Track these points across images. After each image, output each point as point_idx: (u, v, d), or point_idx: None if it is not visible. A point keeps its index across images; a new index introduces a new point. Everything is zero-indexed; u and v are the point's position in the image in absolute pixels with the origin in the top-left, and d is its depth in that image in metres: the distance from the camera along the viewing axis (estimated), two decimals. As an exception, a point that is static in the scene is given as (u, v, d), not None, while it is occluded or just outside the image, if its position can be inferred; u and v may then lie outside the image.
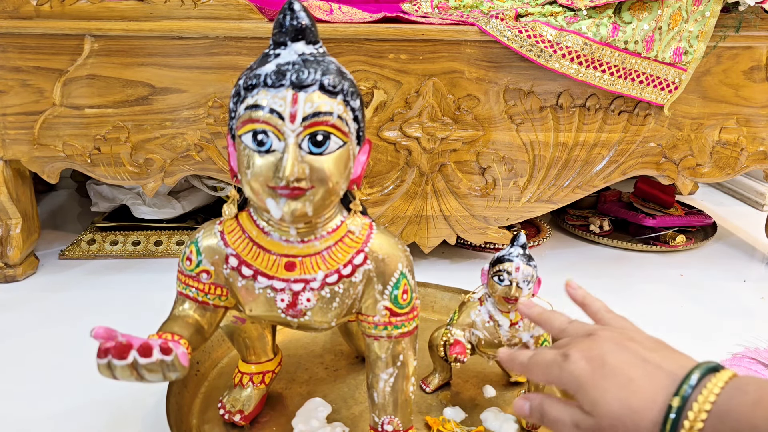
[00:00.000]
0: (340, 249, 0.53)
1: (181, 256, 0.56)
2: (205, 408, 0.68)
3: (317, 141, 0.47)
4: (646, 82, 0.94)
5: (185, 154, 0.97)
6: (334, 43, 0.90)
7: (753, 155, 1.06)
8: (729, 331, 0.88)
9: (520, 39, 0.90)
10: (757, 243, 1.27)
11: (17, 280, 1.01)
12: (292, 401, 0.70)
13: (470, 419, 0.68)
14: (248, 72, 0.48)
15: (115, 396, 0.71)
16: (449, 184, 1.01)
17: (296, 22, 0.47)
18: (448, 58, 0.93)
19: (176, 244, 1.14)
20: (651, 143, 1.02)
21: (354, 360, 0.78)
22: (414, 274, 0.57)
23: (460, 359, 0.65)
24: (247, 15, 0.89)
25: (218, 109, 0.94)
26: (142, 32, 0.89)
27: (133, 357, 0.42)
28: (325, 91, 0.47)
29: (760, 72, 1.00)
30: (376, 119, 0.96)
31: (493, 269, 0.64)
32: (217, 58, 0.91)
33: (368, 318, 0.56)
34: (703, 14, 0.92)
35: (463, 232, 1.05)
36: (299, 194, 0.47)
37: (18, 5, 0.86)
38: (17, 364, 0.79)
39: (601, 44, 0.90)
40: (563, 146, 1.00)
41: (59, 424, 0.68)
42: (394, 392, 0.58)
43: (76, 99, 0.92)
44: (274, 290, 0.53)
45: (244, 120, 0.47)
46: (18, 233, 0.99)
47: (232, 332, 0.65)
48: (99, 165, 0.96)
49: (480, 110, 0.97)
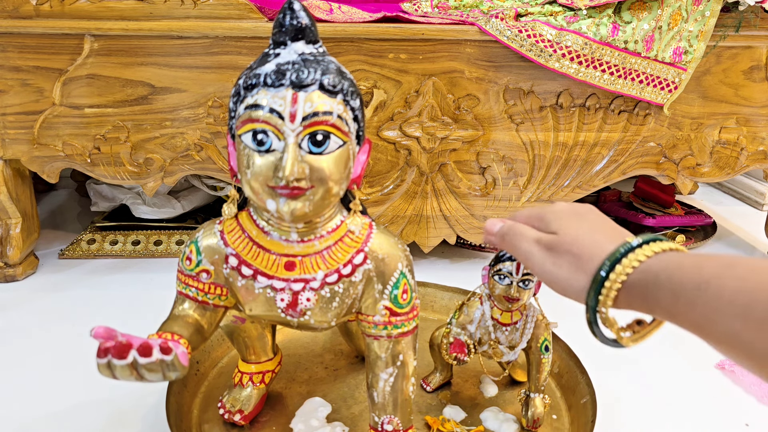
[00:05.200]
0: (340, 249, 0.53)
1: (181, 255, 0.56)
2: (205, 407, 0.68)
3: (317, 141, 0.47)
4: (646, 82, 0.94)
5: (185, 154, 0.97)
6: (334, 42, 0.90)
7: (753, 155, 1.06)
8: (729, 331, 0.88)
9: (520, 38, 0.90)
10: (757, 243, 1.27)
11: (17, 279, 1.01)
12: (292, 401, 0.70)
13: (470, 419, 0.68)
14: (248, 71, 0.48)
15: (115, 396, 0.71)
16: (449, 184, 1.01)
17: (296, 22, 0.47)
18: (448, 58, 0.93)
19: (176, 243, 1.14)
20: (651, 143, 1.02)
21: (354, 360, 0.78)
22: (414, 274, 0.57)
23: (461, 358, 0.65)
24: (247, 14, 0.89)
25: (218, 108, 0.94)
26: (142, 32, 0.89)
27: (132, 357, 0.42)
28: (325, 90, 0.47)
29: (759, 72, 1.00)
30: (376, 119, 0.96)
31: (494, 268, 0.64)
32: (216, 57, 0.91)
33: (368, 317, 0.56)
34: (703, 14, 0.92)
35: (463, 232, 1.05)
36: (299, 194, 0.47)
37: (18, 5, 0.86)
38: (17, 364, 0.79)
39: (601, 44, 0.90)
40: (563, 146, 1.00)
41: (59, 424, 0.68)
42: (393, 392, 0.58)
43: (75, 98, 0.92)
44: (274, 290, 0.53)
45: (243, 119, 0.47)
46: (18, 233, 0.99)
47: (232, 332, 0.65)
48: (99, 164, 0.96)
49: (480, 110, 0.97)
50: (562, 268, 0.44)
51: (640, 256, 0.40)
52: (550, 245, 0.45)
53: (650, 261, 0.40)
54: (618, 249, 0.41)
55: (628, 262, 0.40)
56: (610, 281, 0.40)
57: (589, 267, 0.42)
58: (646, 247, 0.40)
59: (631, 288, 0.40)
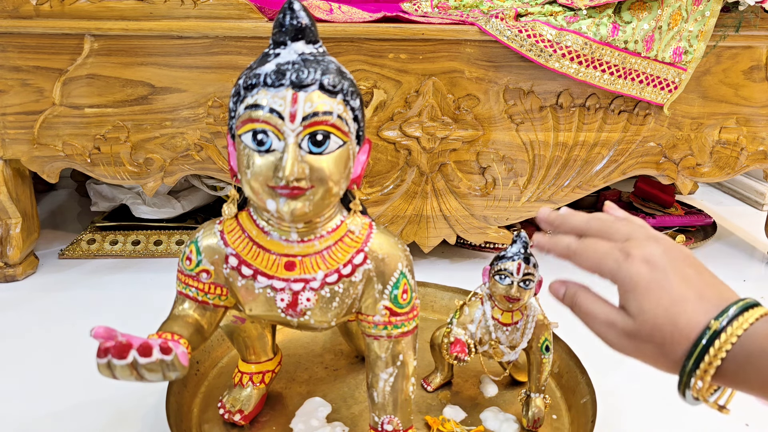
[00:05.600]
0: (339, 249, 0.53)
1: (181, 255, 0.56)
2: (205, 407, 0.68)
3: (317, 140, 0.46)
4: (646, 82, 0.94)
5: (185, 154, 0.97)
6: (334, 42, 0.90)
7: (753, 155, 1.06)
8: (729, 331, 0.88)
9: (520, 38, 0.90)
10: (757, 243, 1.27)
11: (17, 279, 1.01)
12: (292, 401, 0.70)
13: (470, 419, 0.68)
14: (248, 71, 0.48)
15: (115, 396, 0.71)
16: (449, 184, 1.01)
17: (296, 22, 0.47)
18: (448, 58, 0.93)
19: (176, 243, 1.14)
20: (651, 143, 1.02)
21: (354, 360, 0.78)
22: (414, 274, 0.57)
23: (461, 358, 0.65)
24: (247, 14, 0.89)
25: (218, 108, 0.94)
26: (142, 32, 0.89)
27: (132, 356, 0.42)
28: (325, 90, 0.47)
29: (759, 72, 1.00)
30: (376, 119, 0.96)
31: (495, 268, 0.64)
32: (216, 57, 0.91)
33: (368, 317, 0.56)
34: (703, 14, 0.92)
35: (463, 232, 1.05)
36: (299, 194, 0.47)
37: (18, 5, 0.86)
38: (17, 364, 0.79)
39: (601, 44, 0.90)
40: (563, 146, 1.00)
41: (59, 424, 0.68)
42: (393, 392, 0.58)
43: (75, 98, 0.92)
44: (274, 290, 0.53)
45: (244, 119, 0.47)
46: (18, 233, 0.99)
47: (232, 332, 0.65)
48: (99, 164, 0.96)
49: (480, 110, 0.97)
50: (645, 354, 0.41)
51: (731, 339, 0.37)
52: (628, 333, 0.41)
53: (743, 339, 0.37)
54: (703, 335, 0.38)
55: (716, 351, 0.37)
56: (700, 370, 0.38)
57: (675, 354, 0.39)
58: (737, 324, 0.37)
59: (724, 373, 0.38)
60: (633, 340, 0.41)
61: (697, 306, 0.39)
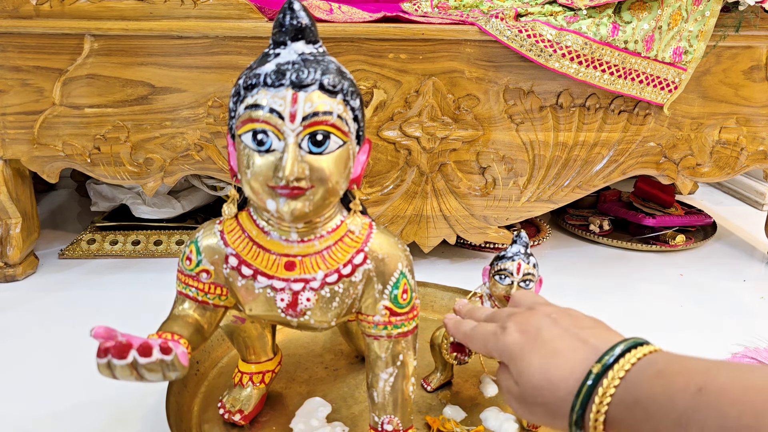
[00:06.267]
0: (339, 248, 0.53)
1: (181, 255, 0.56)
2: (205, 407, 0.68)
3: (317, 140, 0.46)
4: (646, 82, 0.94)
5: (185, 154, 0.97)
6: (334, 42, 0.90)
7: (753, 155, 1.06)
8: (729, 331, 0.88)
9: (519, 38, 0.90)
10: (757, 243, 1.27)
11: (17, 279, 1.01)
12: (292, 401, 0.70)
13: (470, 419, 0.68)
14: (248, 71, 0.48)
15: (115, 396, 0.71)
16: (449, 184, 1.01)
17: (296, 22, 0.47)
18: (447, 58, 0.93)
19: (176, 243, 1.14)
20: (651, 143, 1.02)
21: (354, 360, 0.78)
22: (414, 274, 0.57)
23: (461, 358, 0.65)
24: (247, 14, 0.89)
25: (218, 108, 0.94)
26: (142, 32, 0.89)
27: (132, 356, 0.42)
28: (325, 90, 0.47)
29: (759, 72, 1.01)
30: (376, 119, 0.96)
31: (495, 268, 0.64)
32: (216, 57, 0.91)
33: (368, 317, 0.56)
34: (703, 14, 0.92)
35: (463, 232, 1.05)
36: (299, 194, 0.47)
37: (17, 5, 0.86)
38: (17, 364, 0.79)
39: (601, 44, 0.90)
40: (563, 146, 1.00)
41: (59, 424, 0.68)
42: (393, 392, 0.57)
43: (75, 98, 0.92)
44: (274, 290, 0.53)
45: (243, 119, 0.47)
46: (18, 233, 0.99)
47: (232, 332, 0.65)
48: (99, 164, 0.96)
49: (480, 110, 0.97)
50: (539, 417, 0.41)
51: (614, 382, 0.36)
52: (518, 400, 0.42)
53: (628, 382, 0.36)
54: (584, 383, 0.37)
55: (600, 398, 0.36)
56: (592, 420, 0.37)
57: (563, 411, 0.39)
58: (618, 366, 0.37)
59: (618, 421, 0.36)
60: (525, 405, 0.41)
61: (572, 356, 0.39)
